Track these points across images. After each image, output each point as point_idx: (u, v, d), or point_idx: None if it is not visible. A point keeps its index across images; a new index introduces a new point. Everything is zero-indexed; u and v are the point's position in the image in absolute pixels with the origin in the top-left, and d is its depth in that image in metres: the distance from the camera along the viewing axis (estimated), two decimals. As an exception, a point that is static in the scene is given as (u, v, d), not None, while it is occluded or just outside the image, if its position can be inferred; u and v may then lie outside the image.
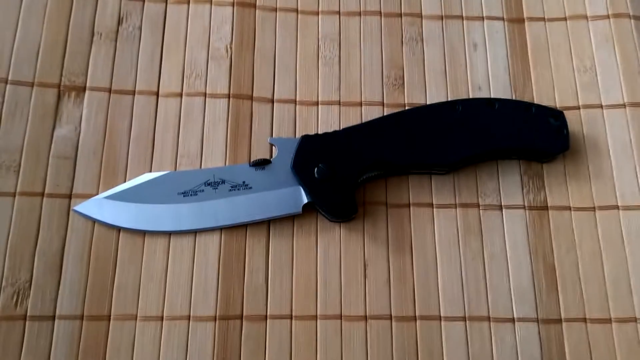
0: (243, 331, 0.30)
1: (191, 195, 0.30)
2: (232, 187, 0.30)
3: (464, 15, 0.37)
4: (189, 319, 0.30)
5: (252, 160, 0.32)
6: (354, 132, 0.32)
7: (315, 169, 0.31)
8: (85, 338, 0.29)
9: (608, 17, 0.37)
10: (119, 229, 0.30)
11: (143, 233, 0.31)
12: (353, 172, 0.31)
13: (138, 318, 0.29)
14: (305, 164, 0.31)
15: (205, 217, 0.30)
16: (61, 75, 0.33)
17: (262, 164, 0.31)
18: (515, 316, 0.31)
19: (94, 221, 0.30)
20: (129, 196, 0.30)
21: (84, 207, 0.30)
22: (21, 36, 0.33)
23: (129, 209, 0.30)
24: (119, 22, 0.34)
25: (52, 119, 0.32)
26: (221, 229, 0.31)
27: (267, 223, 0.31)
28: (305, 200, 0.31)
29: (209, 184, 0.30)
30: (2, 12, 0.33)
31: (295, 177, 0.31)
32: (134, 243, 0.30)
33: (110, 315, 0.29)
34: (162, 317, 0.29)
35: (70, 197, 0.31)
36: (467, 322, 0.31)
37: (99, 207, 0.30)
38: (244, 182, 0.31)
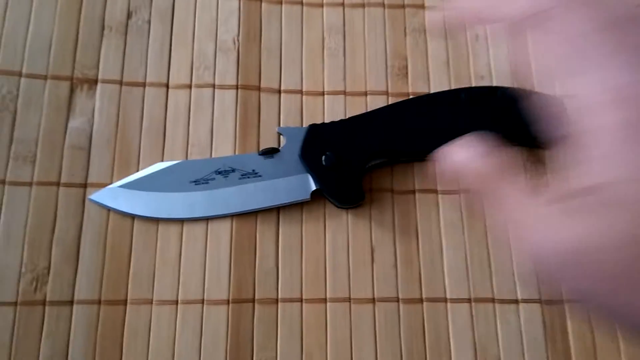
0: (255, 314, 0.31)
1: (203, 183, 0.31)
2: (242, 175, 0.31)
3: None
4: (203, 303, 0.30)
5: (260, 149, 0.33)
6: (360, 121, 0.33)
7: (323, 157, 0.31)
8: (103, 322, 0.30)
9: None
10: (133, 217, 0.31)
11: (157, 221, 0.31)
12: (359, 159, 0.32)
13: (154, 302, 0.30)
14: (312, 152, 0.32)
15: (217, 204, 0.31)
16: (73, 68, 0.33)
17: (270, 152, 0.32)
18: (519, 297, 0.32)
19: (109, 209, 0.31)
20: (142, 185, 0.31)
21: (99, 196, 0.31)
22: (34, 31, 0.34)
23: (143, 198, 0.31)
24: (129, 16, 0.35)
25: (66, 110, 0.33)
26: (232, 216, 0.32)
27: (276, 210, 0.32)
28: (313, 187, 0.31)
29: (219, 173, 0.31)
30: (15, 8, 0.34)
31: (304, 165, 0.31)
32: (148, 230, 0.31)
33: (126, 300, 0.30)
34: (177, 301, 0.30)
35: (85, 186, 0.31)
36: (472, 303, 0.32)
37: (113, 196, 0.31)
38: (253, 170, 0.31)
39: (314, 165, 0.31)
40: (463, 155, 0.25)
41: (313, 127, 0.32)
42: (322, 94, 0.35)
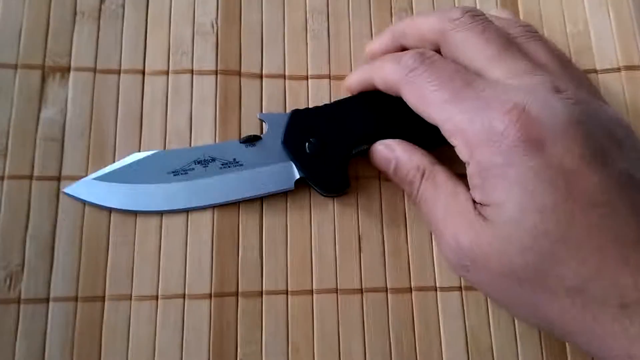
0: (239, 308, 0.30)
1: (181, 174, 0.30)
2: (222, 164, 0.30)
3: (452, -16, 0.36)
4: (184, 298, 0.29)
5: (242, 137, 0.31)
6: (344, 105, 0.31)
7: (307, 143, 0.30)
8: (80, 319, 0.29)
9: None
10: (109, 210, 0.30)
11: (135, 213, 0.30)
12: (344, 145, 0.30)
13: (133, 298, 0.29)
14: (296, 139, 0.30)
15: (197, 195, 0.30)
16: (44, 56, 0.32)
17: (252, 140, 0.31)
18: (511, 285, 0.31)
19: (84, 203, 0.30)
20: (118, 177, 0.30)
21: (73, 189, 0.30)
22: (2, 18, 0.32)
23: (119, 190, 0.30)
24: (102, 0, 0.34)
25: (38, 101, 0.31)
26: (214, 207, 0.31)
27: (260, 200, 0.31)
28: (297, 175, 0.30)
29: (199, 162, 0.30)
30: (-19, -7, 0.32)
31: (287, 153, 0.30)
32: (125, 223, 0.30)
33: (104, 296, 0.29)
34: (157, 297, 0.29)
35: (59, 179, 0.30)
36: (463, 291, 0.31)
37: (88, 188, 0.30)
38: (234, 159, 0.30)
39: (298, 153, 0.30)
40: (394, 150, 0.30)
41: (296, 113, 0.31)
42: (306, 78, 0.34)
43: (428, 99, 0.26)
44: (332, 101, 0.33)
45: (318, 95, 0.33)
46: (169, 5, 0.34)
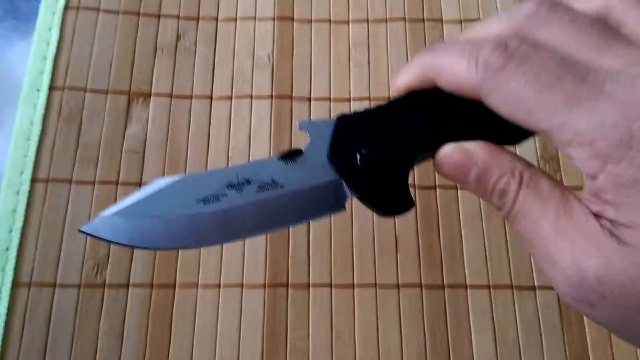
0: (289, 297, 0.34)
1: (213, 201, 0.24)
2: (259, 187, 0.24)
3: (481, 18, 0.41)
4: (242, 287, 0.34)
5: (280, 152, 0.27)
6: (399, 106, 0.25)
7: (358, 155, 0.24)
8: (154, 303, 0.33)
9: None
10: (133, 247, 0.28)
11: (201, 215, 0.35)
12: (404, 155, 0.24)
13: (199, 286, 0.34)
14: (344, 152, 0.24)
15: (232, 228, 0.24)
16: (130, 84, 0.38)
17: (292, 155, 0.25)
18: (535, 284, 0.34)
19: (104, 241, 0.24)
20: (139, 210, 0.25)
21: (90, 227, 0.24)
22: (97, 52, 0.39)
23: (140, 225, 0.24)
24: (178, 38, 0.40)
25: (124, 120, 0.37)
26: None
27: (308, 204, 0.36)
28: (349, 196, 0.24)
29: (232, 187, 0.25)
30: (81, 34, 0.39)
31: (333, 169, 0.24)
32: (193, 223, 0.35)
33: (175, 284, 0.34)
34: (220, 285, 0.34)
35: (140, 184, 0.36)
36: (491, 290, 0.34)
37: (107, 225, 0.24)
38: (273, 180, 0.25)
39: (347, 169, 0.24)
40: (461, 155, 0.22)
41: (342, 119, 0.25)
42: (349, 100, 0.38)
43: (528, 104, 0.20)
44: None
45: (360, 115, 0.38)
46: (233, 42, 0.40)
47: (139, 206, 0.25)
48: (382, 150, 0.24)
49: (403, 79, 0.24)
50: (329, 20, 0.41)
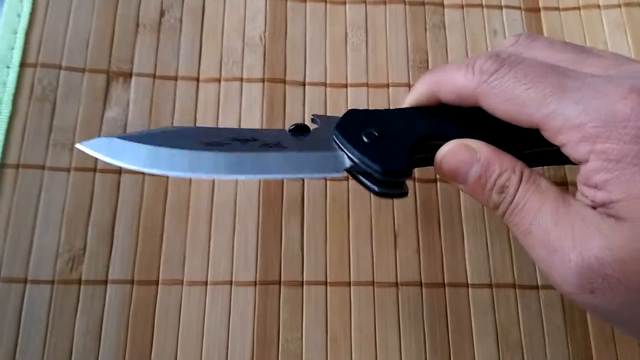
0: (281, 296, 0.32)
1: (216, 145, 0.26)
2: (263, 144, 0.26)
3: (483, 4, 0.39)
4: (231, 284, 0.31)
5: (290, 125, 0.28)
6: (407, 110, 0.28)
7: (363, 133, 0.26)
8: (135, 301, 0.31)
9: (619, 6, 0.39)
10: (120, 169, 0.29)
11: (187, 207, 0.33)
12: (406, 136, 0.26)
13: (184, 283, 0.31)
14: (351, 127, 0.26)
15: (228, 166, 0.25)
16: (109, 62, 0.35)
17: (301, 130, 0.27)
18: (539, 284, 0.33)
19: (98, 159, 0.26)
20: (143, 139, 0.26)
21: (89, 143, 0.26)
22: (73, 27, 0.36)
23: (139, 150, 0.25)
24: (161, 14, 0.37)
25: (102, 102, 0.34)
26: (258, 203, 0.33)
27: (301, 196, 0.33)
28: (347, 164, 0.25)
29: (237, 140, 0.26)
30: (56, 6, 0.36)
31: (339, 141, 0.26)
32: (179, 215, 0.33)
33: (158, 280, 0.31)
34: (207, 282, 0.31)
35: (120, 172, 0.33)
36: (494, 289, 0.33)
37: (106, 145, 0.26)
38: (278, 142, 0.26)
39: (352, 139, 0.26)
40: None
41: (351, 111, 0.27)
42: (345, 86, 0.36)
43: (521, 98, 0.22)
44: (370, 107, 0.34)
45: (357, 102, 0.36)
46: (222, 20, 0.37)
47: (144, 136, 0.26)
48: (386, 131, 0.26)
49: (410, 98, 0.28)
50: (325, 0, 0.38)
